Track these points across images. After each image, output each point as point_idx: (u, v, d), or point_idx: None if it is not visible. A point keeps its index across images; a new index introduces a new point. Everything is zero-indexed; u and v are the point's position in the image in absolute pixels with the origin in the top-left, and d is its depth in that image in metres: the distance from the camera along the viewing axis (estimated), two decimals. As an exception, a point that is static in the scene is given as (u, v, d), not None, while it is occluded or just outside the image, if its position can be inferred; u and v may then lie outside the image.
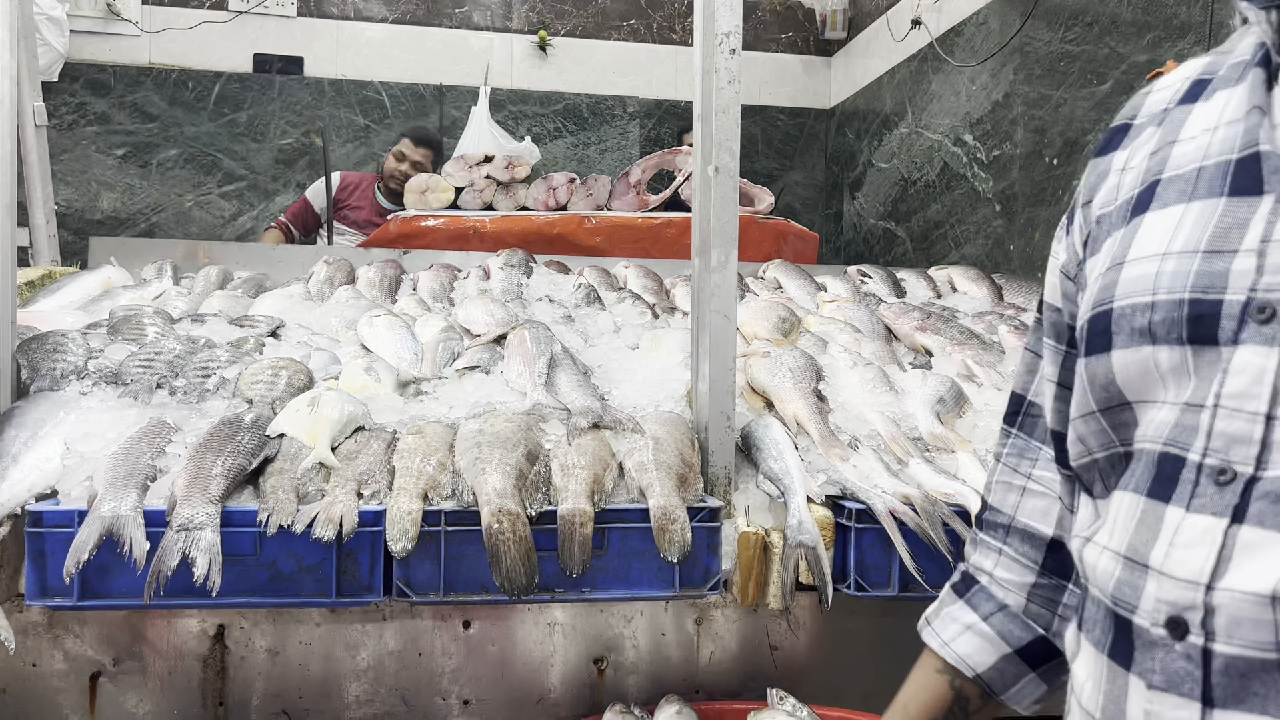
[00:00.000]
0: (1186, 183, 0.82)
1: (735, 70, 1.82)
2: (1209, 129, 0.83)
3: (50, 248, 3.38)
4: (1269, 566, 0.70)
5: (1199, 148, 0.83)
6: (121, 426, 1.81)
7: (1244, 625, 0.70)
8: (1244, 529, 0.72)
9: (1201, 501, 0.75)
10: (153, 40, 5.32)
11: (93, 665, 1.66)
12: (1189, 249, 0.79)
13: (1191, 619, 0.73)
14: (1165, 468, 0.78)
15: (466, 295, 2.78)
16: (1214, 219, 0.78)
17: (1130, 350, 0.81)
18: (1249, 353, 0.74)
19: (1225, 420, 0.75)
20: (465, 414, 1.95)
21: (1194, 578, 0.73)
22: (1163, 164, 0.86)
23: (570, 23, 5.81)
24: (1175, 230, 0.81)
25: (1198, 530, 0.74)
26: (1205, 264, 0.77)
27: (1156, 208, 0.84)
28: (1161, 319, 0.78)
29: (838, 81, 6.00)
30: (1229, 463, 0.74)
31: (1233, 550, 0.72)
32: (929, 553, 1.69)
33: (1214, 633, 0.72)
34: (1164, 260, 0.80)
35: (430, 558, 1.62)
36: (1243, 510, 0.72)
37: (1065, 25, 3.61)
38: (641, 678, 1.79)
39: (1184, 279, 0.78)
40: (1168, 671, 0.74)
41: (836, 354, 2.34)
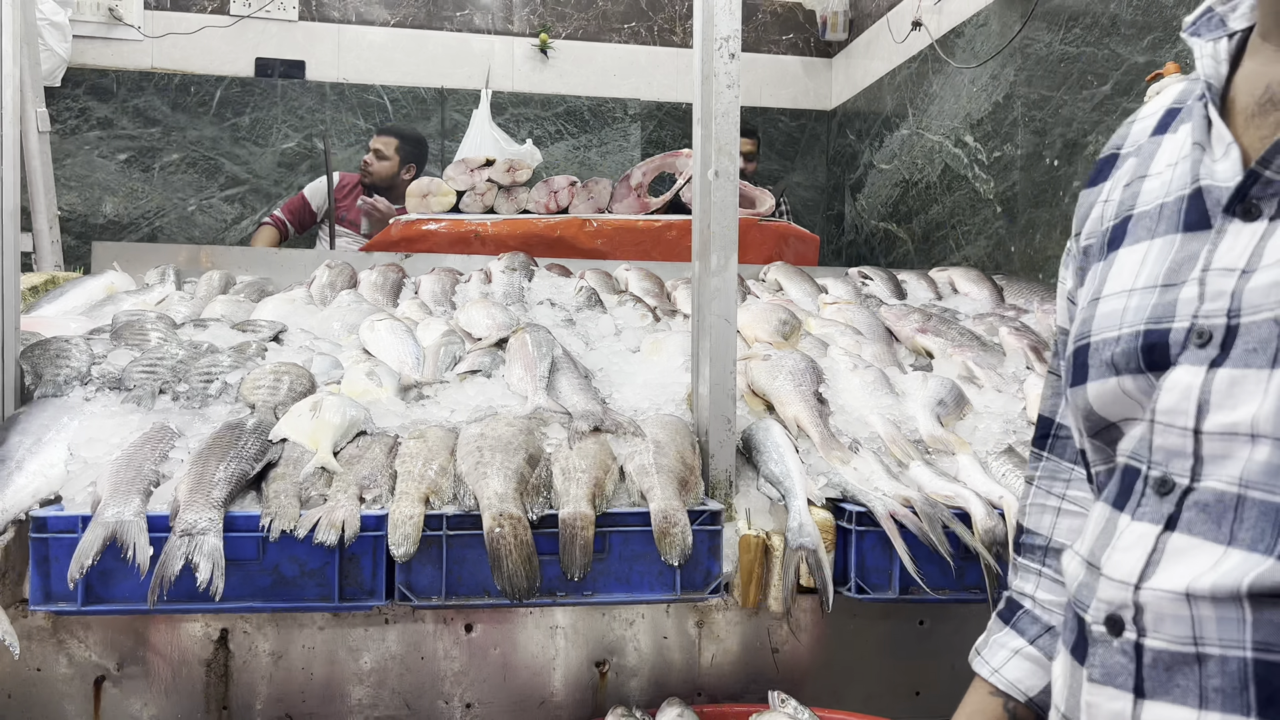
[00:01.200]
0: (1151, 219, 0.88)
1: (735, 74, 1.83)
2: (1171, 164, 0.88)
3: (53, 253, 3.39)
4: (1187, 569, 0.75)
5: (1163, 184, 0.88)
6: (125, 432, 1.82)
7: (1166, 621, 0.76)
8: (1174, 536, 0.77)
9: (1144, 510, 0.81)
10: (155, 45, 5.33)
11: (97, 670, 1.67)
12: (1150, 284, 0.84)
13: (1125, 616, 0.79)
14: (1126, 479, 0.84)
15: (468, 299, 2.78)
16: (1171, 254, 0.84)
17: (1099, 382, 0.86)
18: (1181, 371, 0.79)
19: (1161, 435, 0.80)
20: (467, 418, 1.96)
21: (1126, 578, 0.79)
22: (1134, 199, 0.91)
23: (571, 25, 5.82)
24: (1140, 267, 0.86)
25: (1135, 535, 0.80)
26: (1160, 297, 0.82)
27: (1128, 244, 0.89)
28: (1122, 350, 0.84)
29: (838, 83, 6.00)
30: (1169, 474, 0.79)
31: (1161, 554, 0.77)
32: (929, 555, 1.70)
33: (1144, 629, 0.77)
34: (1130, 296, 0.86)
35: (432, 561, 1.62)
36: (1175, 518, 0.78)
37: (1065, 26, 3.61)
38: (643, 680, 1.80)
39: (1143, 313, 0.83)
40: (1106, 665, 0.80)
41: (837, 356, 2.35)
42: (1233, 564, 0.72)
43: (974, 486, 1.82)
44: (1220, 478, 0.76)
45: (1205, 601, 0.73)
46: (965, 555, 1.72)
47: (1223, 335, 0.76)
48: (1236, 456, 0.75)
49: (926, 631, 1.86)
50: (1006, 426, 2.08)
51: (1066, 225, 3.53)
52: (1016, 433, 2.06)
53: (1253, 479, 0.73)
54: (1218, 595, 0.72)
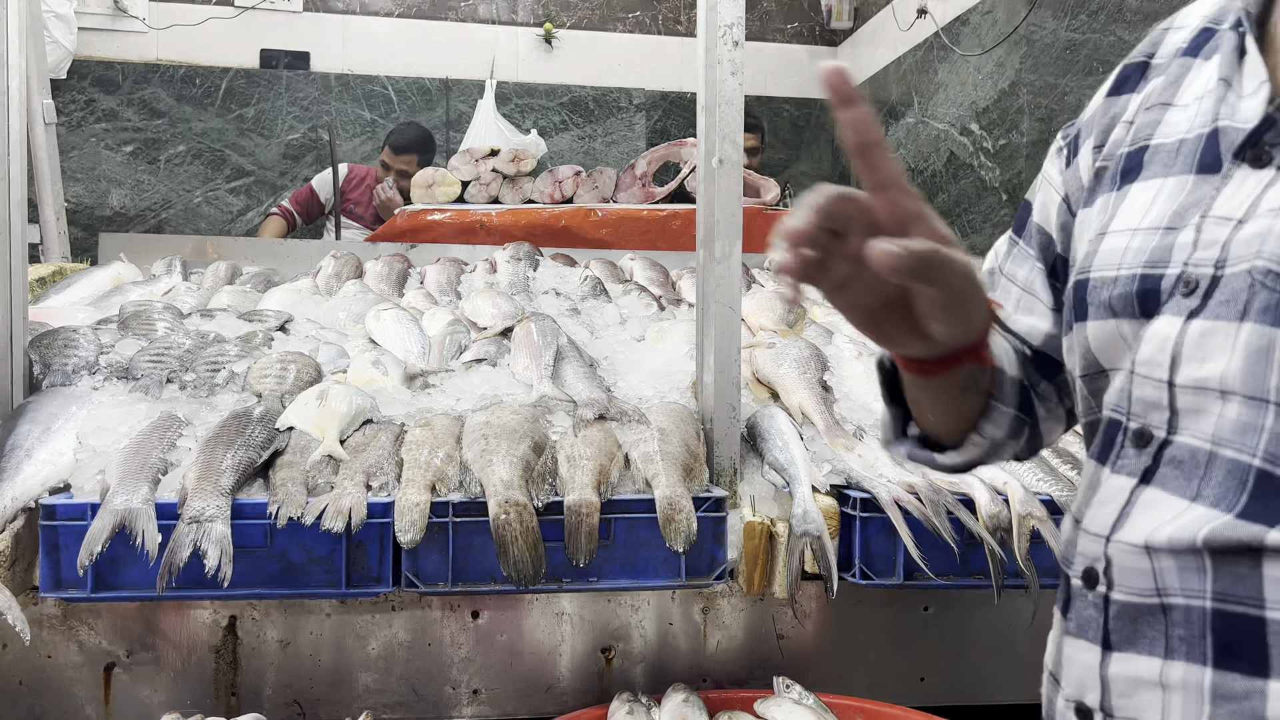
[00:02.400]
0: (1169, 155, 0.82)
1: (739, 62, 1.83)
2: (1198, 97, 0.83)
3: (60, 244, 3.40)
4: (1150, 521, 0.74)
5: (1188, 118, 0.82)
6: (133, 421, 1.83)
7: (1130, 574, 0.75)
8: (1148, 490, 0.76)
9: (1123, 463, 0.79)
10: (160, 37, 5.33)
11: (107, 656, 1.68)
12: (1155, 225, 0.80)
13: (1098, 569, 0.78)
14: (1110, 433, 0.82)
15: (473, 288, 2.79)
16: (1181, 196, 0.79)
17: (1098, 322, 0.83)
18: (1162, 321, 0.76)
19: (1139, 386, 0.78)
20: (472, 406, 1.97)
21: (1100, 531, 0.79)
22: (1153, 128, 0.85)
23: (576, 15, 5.81)
24: (1150, 205, 0.81)
25: (1113, 488, 0.79)
26: (1161, 239, 0.78)
27: (1143, 178, 0.84)
28: (1120, 294, 0.80)
29: (844, 71, 5.98)
30: (1147, 426, 0.77)
31: (1132, 508, 0.76)
32: (934, 541, 1.70)
33: (1112, 581, 0.77)
34: (1133, 235, 0.81)
35: (438, 548, 1.63)
36: (1151, 472, 0.76)
37: (1070, 13, 3.59)
38: (649, 666, 1.81)
39: (1142, 255, 0.79)
40: (1080, 618, 0.81)
41: (841, 344, 2.35)
42: (1192, 518, 0.72)
43: (977, 473, 1.82)
44: (1195, 433, 0.74)
45: (1164, 554, 0.73)
46: (970, 541, 1.72)
47: (1207, 285, 0.73)
48: (1209, 412, 0.73)
49: (931, 617, 1.86)
50: (1011, 413, 2.08)
51: (1072, 213, 3.52)
52: (1021, 419, 2.06)
53: (1224, 436, 0.72)
54: (1175, 547, 0.72)
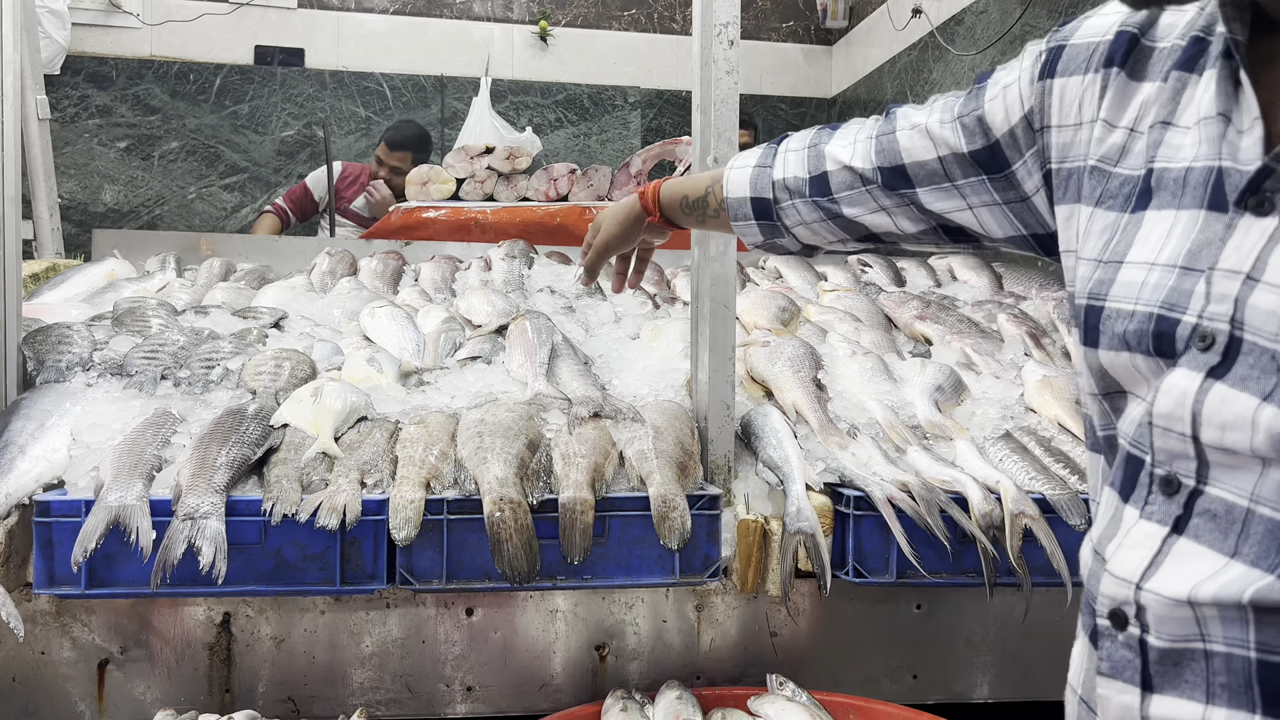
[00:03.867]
0: (1177, 183, 0.82)
1: (734, 61, 1.83)
2: (1199, 120, 0.81)
3: (54, 240, 3.39)
4: (1188, 574, 0.75)
5: (1192, 143, 0.81)
6: (127, 417, 1.83)
7: (1168, 622, 0.76)
8: (1181, 540, 0.76)
9: (1152, 509, 0.79)
10: (154, 33, 5.32)
11: (101, 653, 1.68)
12: (1171, 262, 0.79)
13: (1128, 612, 0.79)
14: (1130, 468, 0.82)
15: (468, 286, 2.79)
16: (1194, 233, 0.78)
17: (1113, 353, 0.83)
18: (1179, 375, 0.76)
19: (1161, 438, 0.78)
20: (467, 404, 1.97)
21: (1129, 576, 0.79)
22: (1156, 149, 0.84)
23: (571, 13, 5.81)
24: (1165, 239, 0.81)
25: (1143, 534, 0.79)
26: (1178, 280, 0.78)
27: (1155, 206, 0.83)
28: (1135, 329, 0.80)
29: (839, 70, 6.00)
30: (1174, 474, 0.78)
31: (1165, 557, 0.77)
32: (927, 539, 1.71)
33: (1147, 626, 0.77)
34: (1150, 270, 0.81)
35: (433, 546, 1.63)
36: (1184, 522, 0.77)
37: (1065, 13, 3.60)
38: (643, 664, 1.81)
39: (1160, 293, 0.79)
40: (1113, 659, 0.80)
41: (836, 343, 2.36)
42: (1234, 575, 0.72)
43: (971, 471, 1.83)
44: (1230, 487, 0.74)
45: (1209, 606, 0.73)
46: (962, 539, 1.73)
47: (1225, 343, 0.73)
48: (1246, 470, 0.73)
49: (924, 615, 1.87)
50: (1004, 412, 2.09)
51: (1066, 213, 3.53)
52: (1014, 418, 2.07)
53: (1264, 496, 0.72)
54: (1220, 603, 0.72)
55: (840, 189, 1.17)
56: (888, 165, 1.11)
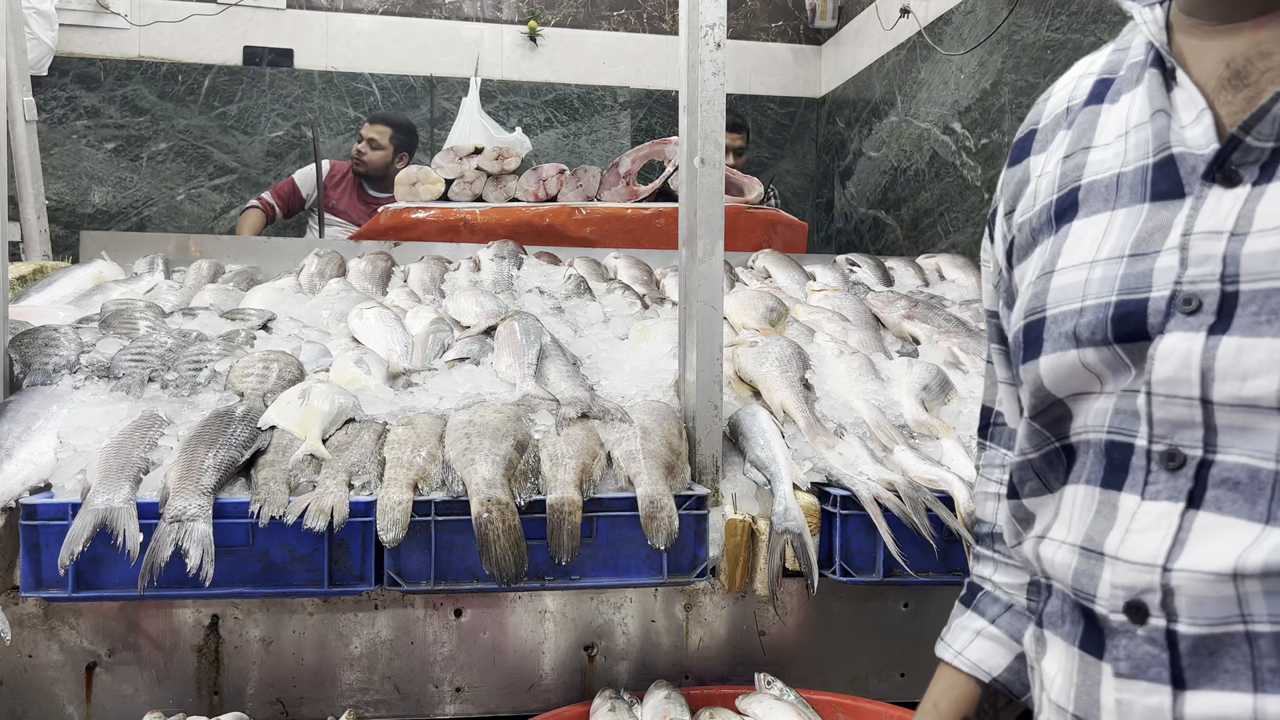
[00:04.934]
0: (1108, 189, 0.83)
1: (720, 62, 1.84)
2: (1121, 134, 0.85)
3: (41, 242, 3.38)
4: (1225, 547, 0.70)
5: (1115, 154, 0.84)
6: (114, 420, 1.82)
7: (1206, 604, 0.70)
8: (1200, 514, 0.72)
9: (1156, 488, 0.75)
10: (142, 33, 5.30)
11: (88, 656, 1.68)
12: (1115, 255, 0.80)
13: (1150, 601, 0.73)
14: (1114, 456, 0.79)
15: (457, 287, 2.79)
16: (1138, 224, 0.79)
17: (1056, 355, 0.82)
18: (1175, 339, 0.74)
19: (1162, 407, 0.75)
20: (455, 405, 1.97)
21: (1149, 560, 0.73)
22: (1080, 170, 0.87)
23: (560, 13, 5.81)
24: (1102, 238, 0.82)
25: (1153, 515, 0.74)
26: (1130, 267, 0.78)
27: (1083, 215, 0.85)
28: (1087, 322, 0.79)
29: (828, 70, 6.01)
30: (1177, 447, 0.74)
31: (1188, 534, 0.72)
32: (913, 538, 1.72)
33: (1175, 613, 0.71)
34: (1092, 268, 0.81)
35: (421, 547, 1.64)
36: (1198, 495, 0.72)
37: (1052, 13, 3.62)
38: (631, 664, 1.82)
39: (1111, 284, 0.79)
40: (1134, 658, 0.74)
41: (823, 343, 2.36)
42: (1277, 542, 0.68)
43: (957, 470, 1.84)
44: (1248, 451, 0.71)
45: (1253, 579, 0.68)
46: (949, 538, 1.74)
47: (1217, 301, 0.72)
48: (1264, 429, 0.70)
49: (911, 613, 1.88)
50: (990, 411, 2.10)
51: (1053, 212, 3.54)
52: (1000, 417, 2.08)
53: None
54: (1270, 572, 0.67)
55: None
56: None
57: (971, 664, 1.05)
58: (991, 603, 1.06)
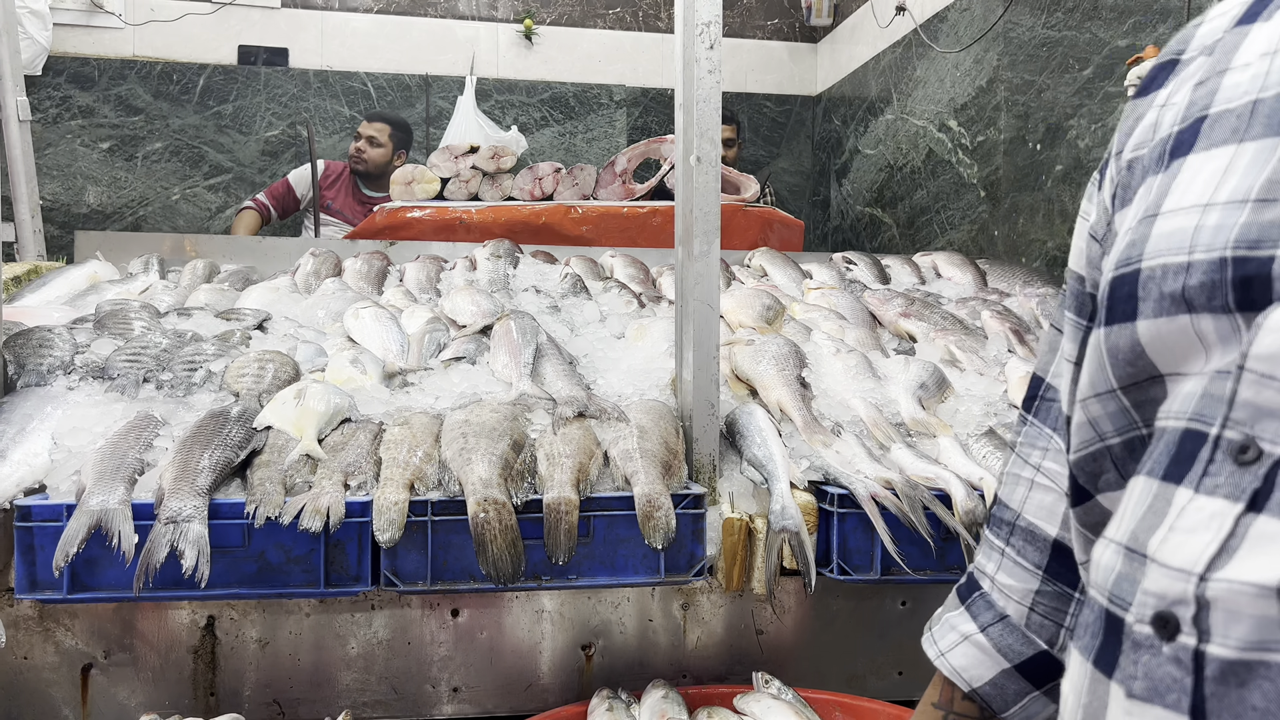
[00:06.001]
0: (1239, 119, 0.68)
1: (716, 60, 1.83)
2: (1267, 53, 0.69)
3: (36, 243, 3.38)
4: (1276, 557, 0.57)
5: (1255, 76, 0.69)
6: (109, 421, 1.82)
7: (1243, 622, 0.57)
8: (1261, 518, 0.58)
9: (1215, 481, 0.61)
10: (136, 33, 5.29)
11: (84, 657, 1.68)
12: (1237, 198, 0.65)
13: (1182, 615, 0.60)
14: (1186, 445, 0.65)
15: (453, 286, 2.79)
16: (1271, 162, 0.64)
17: (1163, 320, 0.67)
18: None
19: (1251, 388, 0.61)
20: (451, 405, 1.97)
21: (1188, 566, 0.60)
22: (1210, 96, 0.72)
23: (556, 11, 5.80)
24: (1224, 176, 0.67)
25: (1204, 514, 0.61)
26: (1255, 214, 0.63)
27: (1201, 148, 0.70)
28: (1199, 283, 0.65)
29: (824, 68, 6.01)
30: (1255, 437, 0.60)
31: (1241, 540, 0.59)
32: (910, 536, 1.72)
33: (1208, 632, 0.58)
34: (1206, 212, 0.66)
35: (417, 547, 1.63)
36: (1264, 496, 0.58)
37: (1047, 11, 3.62)
38: (629, 663, 1.82)
39: (1228, 233, 0.64)
40: (1152, 678, 0.61)
41: (820, 341, 2.36)
42: None
43: (954, 468, 1.84)
44: None
45: None
46: (946, 536, 1.74)
47: None
48: None
49: (908, 612, 1.88)
50: (987, 409, 2.10)
51: (1049, 209, 3.55)
52: (997, 415, 2.08)
53: None
54: None
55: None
56: None
57: (953, 669, 0.98)
58: (986, 608, 0.97)
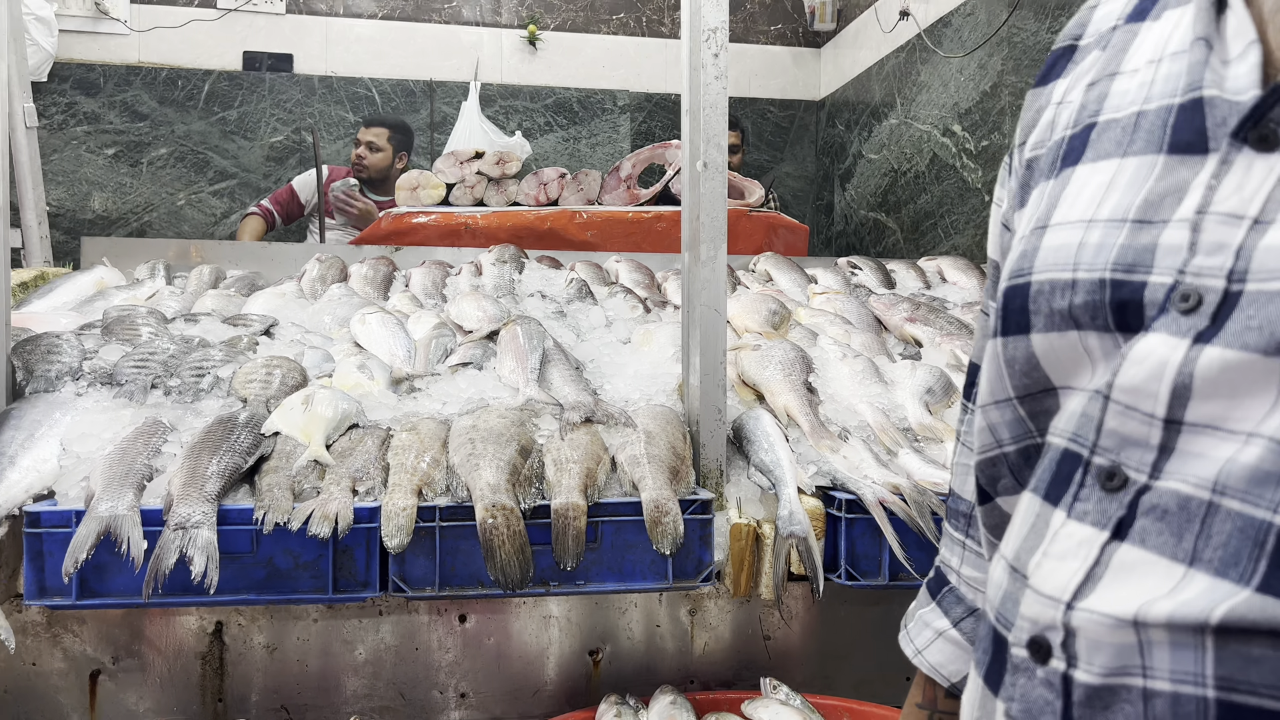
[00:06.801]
0: (1124, 131, 0.68)
1: (723, 66, 1.84)
2: (1153, 60, 0.69)
3: (42, 249, 3.38)
4: (1137, 590, 0.59)
5: (1141, 85, 0.69)
6: (117, 427, 1.82)
7: (1101, 650, 0.59)
8: (1123, 547, 0.61)
9: (1085, 507, 0.64)
10: (141, 39, 5.31)
11: (92, 664, 1.68)
12: (1117, 217, 0.66)
13: (1053, 640, 0.62)
14: (1064, 466, 0.67)
15: (459, 291, 2.79)
16: (1149, 181, 0.65)
17: (1054, 334, 0.68)
18: (1155, 340, 0.61)
19: (1116, 417, 0.63)
20: (458, 410, 1.97)
21: (1056, 594, 0.63)
22: (1100, 102, 0.72)
23: (559, 17, 5.81)
24: (1106, 192, 0.67)
25: (1074, 541, 0.63)
26: (1131, 236, 0.64)
27: (1089, 160, 0.70)
28: (1083, 302, 0.66)
29: (827, 73, 6.01)
30: (1121, 465, 0.62)
31: (1105, 569, 0.61)
32: (919, 542, 1.72)
33: (1075, 657, 0.61)
34: (1089, 229, 0.67)
35: (425, 553, 1.63)
36: (1128, 524, 0.61)
37: (1051, 15, 3.62)
38: (636, 668, 1.81)
39: (1107, 254, 0.65)
40: (1028, 700, 0.64)
41: (826, 346, 2.36)
42: (1197, 591, 0.57)
43: (962, 473, 1.84)
44: (1186, 477, 0.59)
45: (1159, 629, 0.57)
46: (954, 541, 1.74)
47: (1217, 302, 0.58)
48: (1210, 456, 0.58)
49: (916, 617, 1.87)
50: (994, 414, 2.10)
51: (1054, 214, 3.55)
52: (1004, 420, 2.08)
53: (1230, 484, 0.57)
54: (1176, 624, 0.57)
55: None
56: None
57: (931, 666, 0.98)
58: (955, 602, 0.97)
